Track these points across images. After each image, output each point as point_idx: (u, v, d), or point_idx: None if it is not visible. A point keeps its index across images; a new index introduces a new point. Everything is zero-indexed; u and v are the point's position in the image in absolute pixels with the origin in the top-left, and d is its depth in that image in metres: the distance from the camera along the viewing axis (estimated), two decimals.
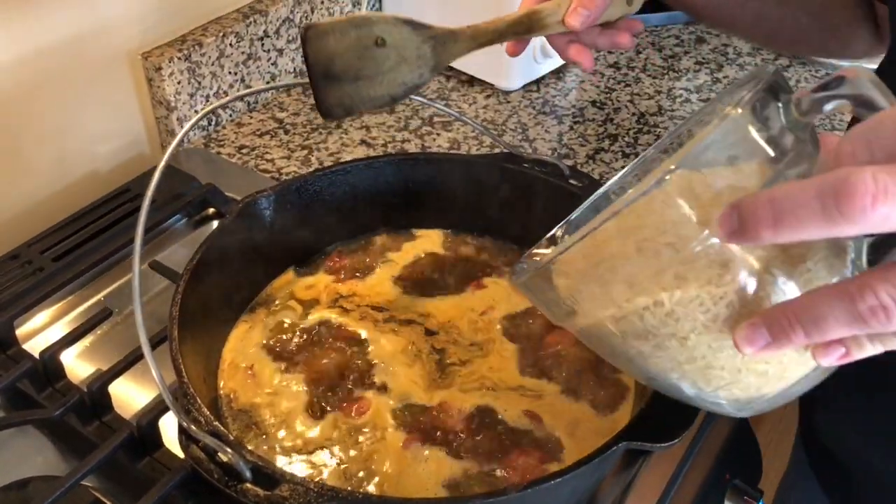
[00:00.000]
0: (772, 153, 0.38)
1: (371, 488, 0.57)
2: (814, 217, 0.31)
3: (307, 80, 0.57)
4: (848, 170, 0.31)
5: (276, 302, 0.71)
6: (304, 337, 0.67)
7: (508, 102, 1.09)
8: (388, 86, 0.58)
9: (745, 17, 0.67)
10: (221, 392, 0.64)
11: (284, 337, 0.67)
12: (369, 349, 0.66)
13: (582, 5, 0.58)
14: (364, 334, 0.67)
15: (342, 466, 0.58)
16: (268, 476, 0.49)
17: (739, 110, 0.37)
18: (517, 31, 0.60)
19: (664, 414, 0.52)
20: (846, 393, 0.68)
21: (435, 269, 0.74)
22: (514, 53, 0.64)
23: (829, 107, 0.37)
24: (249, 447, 0.56)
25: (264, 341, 0.67)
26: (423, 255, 0.75)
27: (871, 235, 0.38)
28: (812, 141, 0.39)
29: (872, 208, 0.30)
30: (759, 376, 0.41)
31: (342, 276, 0.73)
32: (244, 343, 0.67)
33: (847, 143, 0.33)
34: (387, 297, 0.71)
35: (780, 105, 0.38)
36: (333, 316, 0.69)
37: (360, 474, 0.57)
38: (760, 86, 0.38)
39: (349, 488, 0.56)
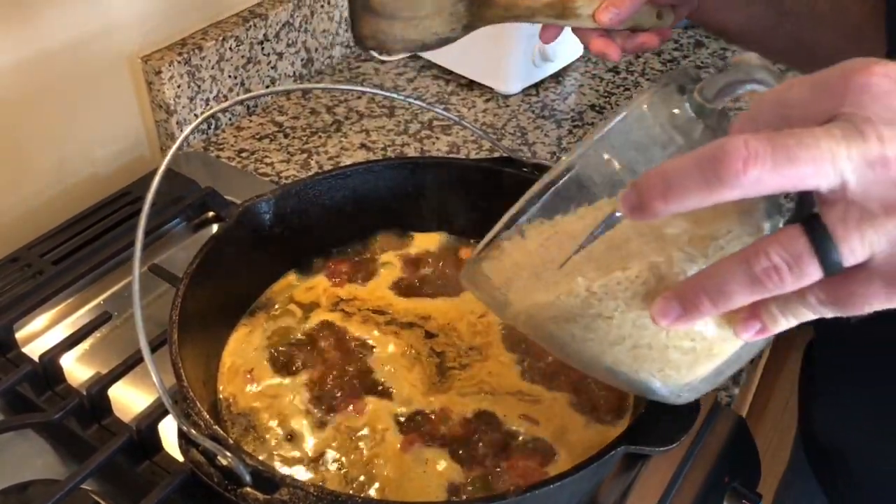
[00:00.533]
0: (680, 140, 0.41)
1: (371, 492, 0.57)
2: (697, 184, 0.33)
3: (307, 84, 0.58)
4: (725, 139, 0.33)
5: (276, 306, 0.71)
6: (304, 341, 0.67)
7: (508, 106, 1.09)
8: (421, 32, 0.61)
9: (779, 40, 0.66)
10: (221, 396, 0.64)
11: (284, 341, 0.67)
12: (368, 353, 0.66)
13: (613, 4, 0.60)
14: (363, 338, 0.67)
15: (342, 471, 0.58)
16: (267, 480, 0.49)
17: (645, 97, 0.41)
18: (549, 15, 0.62)
19: (663, 418, 0.52)
20: (842, 386, 0.68)
21: (434, 272, 0.74)
22: (546, 40, 0.66)
23: (732, 93, 0.40)
24: (249, 451, 0.56)
25: (264, 345, 0.67)
26: (422, 259, 0.75)
27: (784, 215, 0.40)
28: (724, 129, 0.41)
29: (745, 172, 0.32)
30: (687, 354, 0.42)
31: (342, 279, 0.73)
32: (244, 347, 0.67)
33: (737, 121, 0.36)
34: (387, 301, 0.71)
35: (685, 95, 0.41)
36: (333, 319, 0.69)
37: (361, 478, 0.57)
38: (667, 79, 0.41)
39: (350, 492, 0.56)
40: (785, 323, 0.37)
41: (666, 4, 0.65)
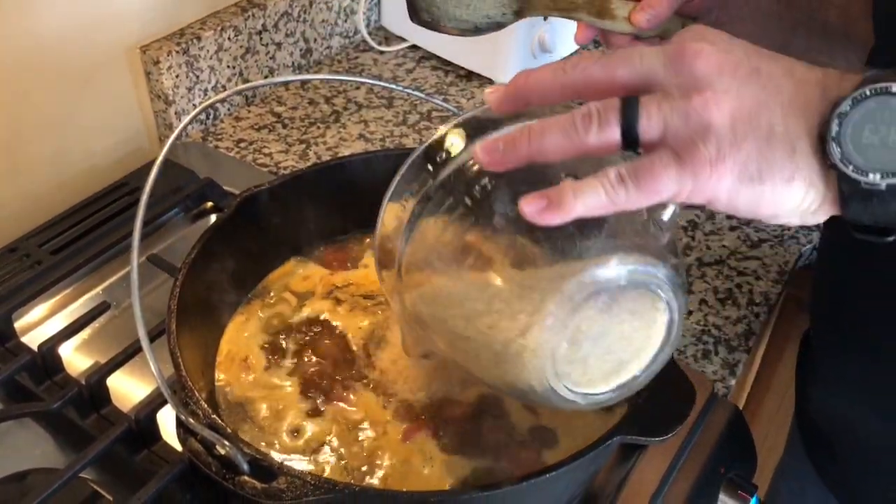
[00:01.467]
0: None
1: (373, 482, 0.57)
2: (551, 77, 0.44)
3: (305, 75, 0.58)
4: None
5: (272, 294, 0.71)
6: (298, 329, 0.67)
7: None
8: (473, 12, 0.64)
9: (793, 55, 0.69)
10: (218, 384, 0.64)
11: (278, 329, 0.67)
12: (365, 342, 0.66)
13: (649, 5, 0.61)
14: (360, 325, 0.67)
15: (342, 462, 0.58)
16: (265, 469, 0.49)
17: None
18: (589, 11, 0.64)
19: (659, 408, 0.52)
20: (838, 359, 0.69)
21: None
22: (581, 41, 0.68)
23: None
24: (246, 439, 0.56)
25: (259, 333, 0.67)
26: None
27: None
28: None
29: (579, 65, 0.43)
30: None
31: (338, 268, 0.73)
32: (240, 335, 0.67)
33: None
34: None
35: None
36: (327, 307, 0.69)
37: (363, 468, 0.58)
38: None
39: (349, 481, 0.56)
40: (572, 203, 0.41)
41: (690, 15, 0.66)
